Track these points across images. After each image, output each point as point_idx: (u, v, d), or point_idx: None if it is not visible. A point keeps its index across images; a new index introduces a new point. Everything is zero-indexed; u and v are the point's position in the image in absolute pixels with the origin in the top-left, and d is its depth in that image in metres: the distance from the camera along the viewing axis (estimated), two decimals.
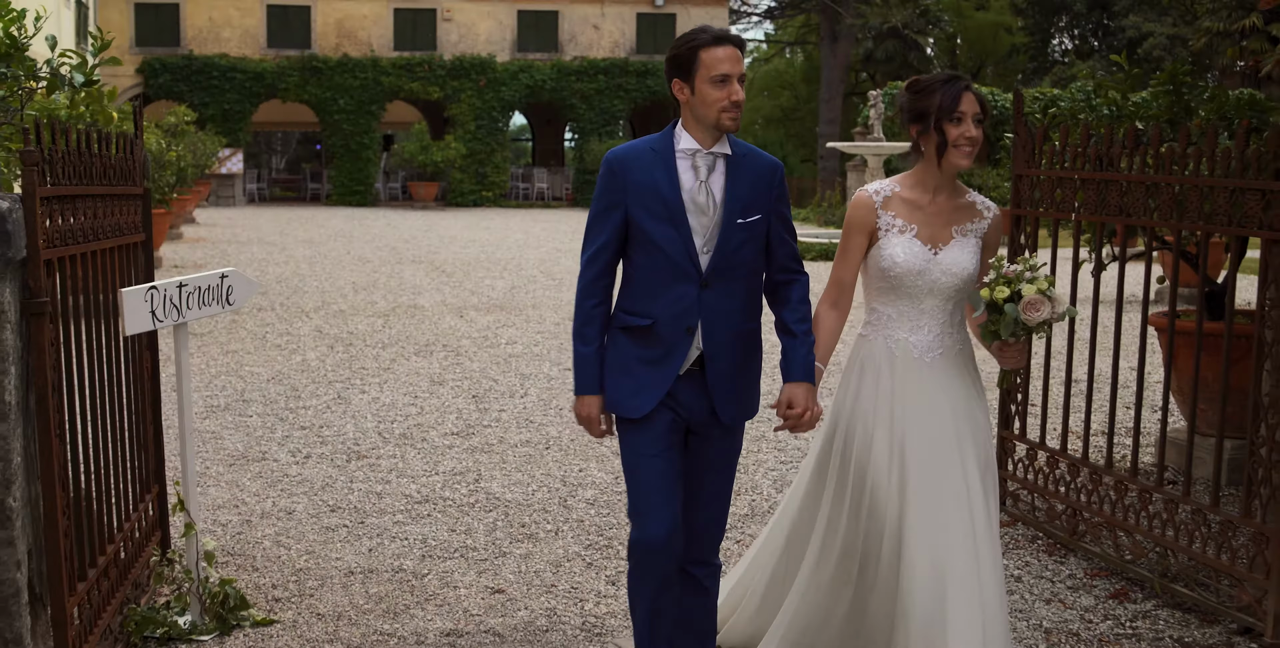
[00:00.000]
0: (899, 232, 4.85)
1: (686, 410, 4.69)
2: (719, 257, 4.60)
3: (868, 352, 4.95)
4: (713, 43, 4.51)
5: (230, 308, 6.11)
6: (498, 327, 15.86)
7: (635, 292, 4.67)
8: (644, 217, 4.57)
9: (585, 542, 7.18)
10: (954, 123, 4.72)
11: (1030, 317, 4.63)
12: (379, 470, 8.67)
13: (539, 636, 5.80)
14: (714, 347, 4.64)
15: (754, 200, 4.64)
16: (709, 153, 4.61)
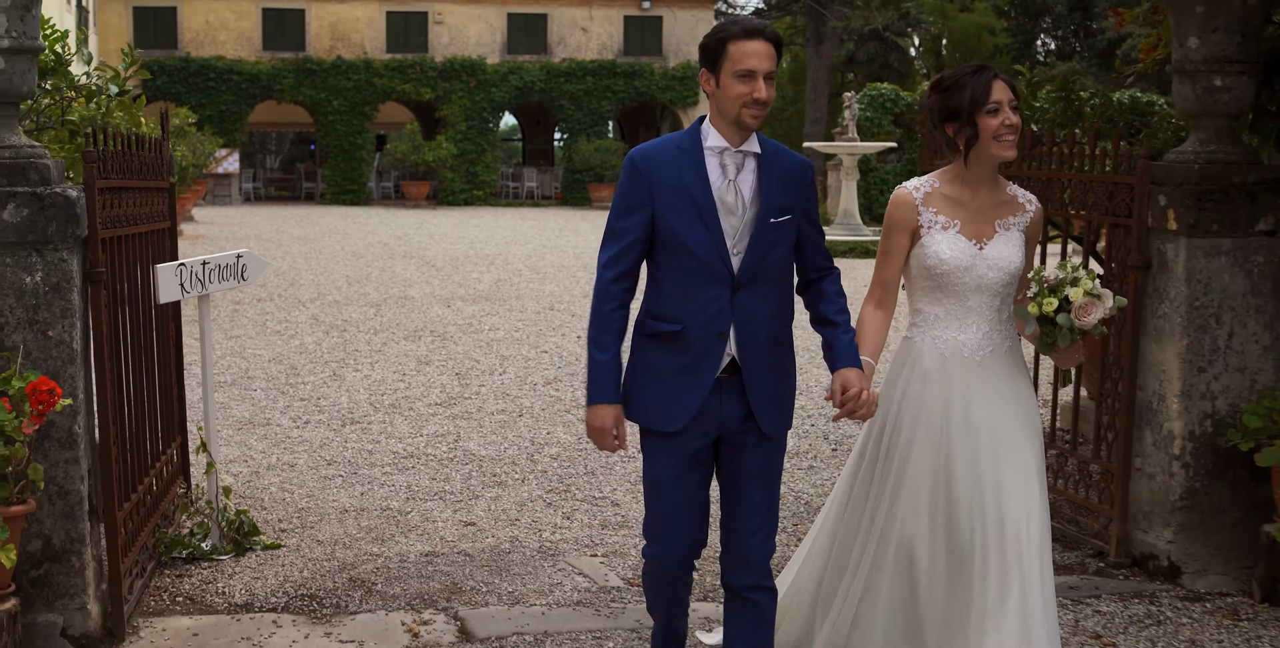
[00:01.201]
0: (942, 228, 4.73)
1: (717, 421, 4.51)
2: (751, 258, 4.44)
3: (915, 353, 4.83)
4: (743, 35, 4.34)
5: (244, 283, 7.26)
6: (482, 315, 16.99)
7: (664, 296, 4.49)
8: (673, 218, 4.41)
9: (547, 487, 8.35)
10: (990, 114, 4.60)
11: (1086, 320, 4.56)
12: (370, 433, 9.82)
13: (502, 556, 6.95)
14: (748, 352, 4.48)
15: (786, 200, 4.49)
16: (738, 151, 4.46)
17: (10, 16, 5.29)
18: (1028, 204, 4.86)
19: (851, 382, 4.49)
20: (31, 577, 5.42)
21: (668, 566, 4.65)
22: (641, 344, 4.58)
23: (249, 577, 6.58)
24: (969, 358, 4.73)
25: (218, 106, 48.82)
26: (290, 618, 6.01)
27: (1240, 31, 6.53)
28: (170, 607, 6.15)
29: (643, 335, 4.57)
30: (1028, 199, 4.87)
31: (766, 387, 4.52)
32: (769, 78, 4.32)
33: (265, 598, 6.28)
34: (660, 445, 4.53)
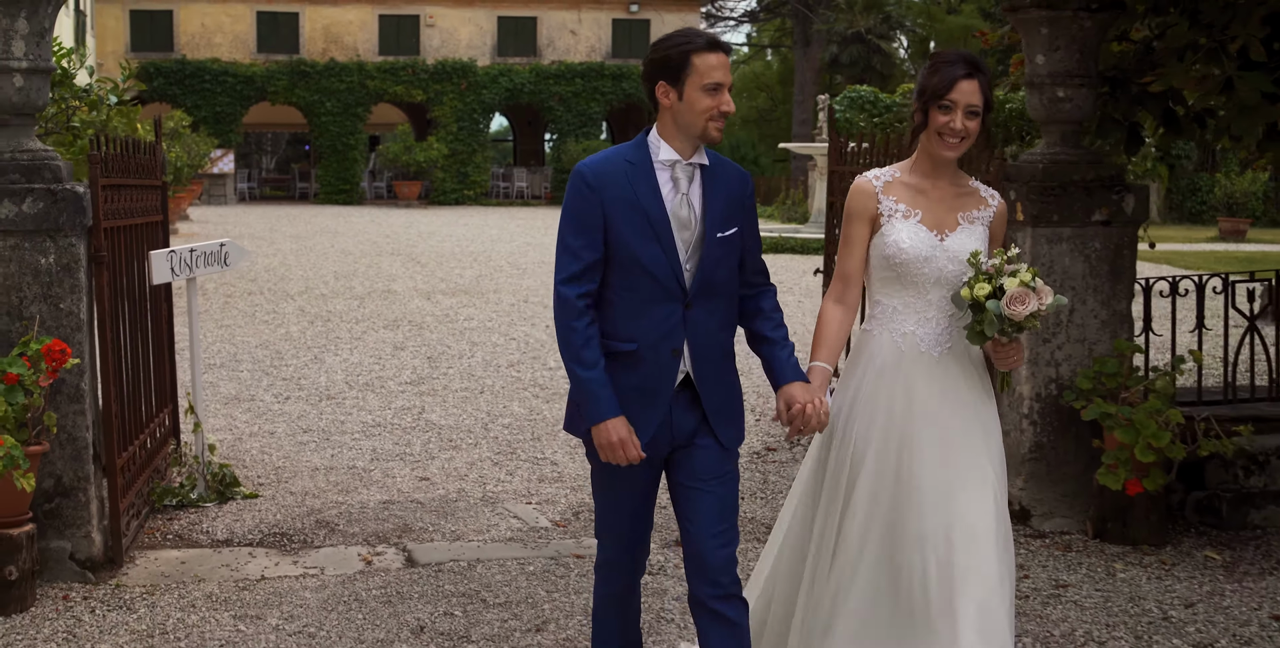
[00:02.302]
0: (903, 216, 4.59)
1: (669, 434, 4.45)
2: (701, 273, 4.36)
3: (873, 347, 4.65)
4: (707, 48, 4.28)
5: (227, 268, 8.34)
6: (459, 307, 18.07)
7: (615, 315, 4.36)
8: (627, 235, 4.30)
9: (496, 450, 9.45)
10: (942, 110, 4.51)
11: (1015, 311, 4.33)
12: (344, 407, 10.91)
13: (449, 504, 8.04)
14: (702, 368, 4.42)
15: (731, 213, 4.42)
16: (688, 164, 4.38)
17: (29, 43, 6.38)
18: (990, 199, 4.73)
19: (795, 397, 4.42)
20: (45, 509, 6.50)
21: (625, 571, 4.65)
22: None
23: (229, 520, 7.66)
24: (926, 353, 4.56)
25: (213, 108, 49.86)
26: (264, 551, 7.09)
27: (1079, 50, 7.61)
28: (161, 543, 7.23)
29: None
30: (990, 194, 4.75)
31: (721, 401, 4.47)
32: (729, 89, 4.31)
33: (243, 536, 7.36)
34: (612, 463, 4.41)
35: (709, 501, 4.46)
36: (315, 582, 6.56)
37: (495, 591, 6.42)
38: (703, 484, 4.46)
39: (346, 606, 6.20)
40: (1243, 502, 7.65)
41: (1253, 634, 5.91)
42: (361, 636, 5.81)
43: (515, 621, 6.01)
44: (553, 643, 5.75)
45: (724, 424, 4.48)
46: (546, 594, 6.37)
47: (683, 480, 4.49)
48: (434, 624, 5.96)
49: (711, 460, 4.47)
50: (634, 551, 4.65)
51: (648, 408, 4.38)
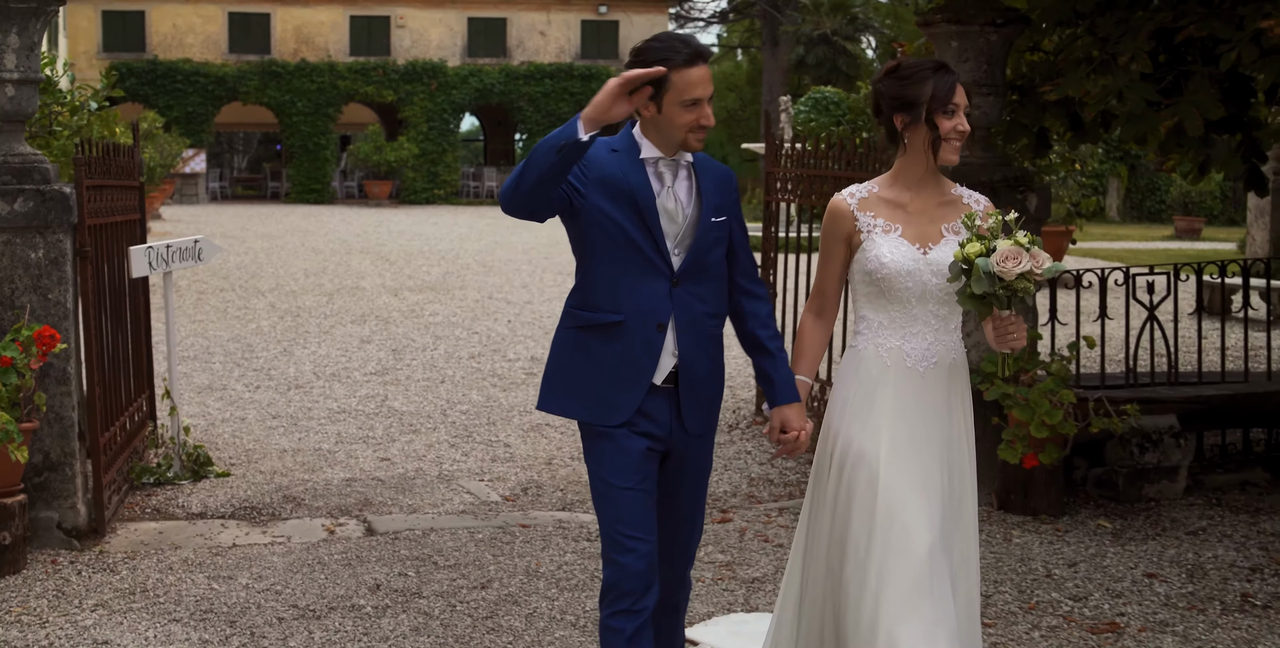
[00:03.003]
0: (883, 231, 4.50)
1: (665, 432, 4.41)
2: (692, 256, 4.37)
3: (859, 363, 4.56)
4: (686, 63, 4.20)
5: (201, 263, 8.96)
6: (425, 303, 18.68)
7: (600, 288, 4.36)
8: (610, 208, 4.30)
9: (454, 433, 10.09)
10: (947, 115, 4.43)
11: (1006, 268, 4.15)
12: (311, 395, 11.54)
13: (408, 481, 8.67)
14: (688, 347, 4.39)
15: (721, 202, 4.43)
16: (671, 160, 4.38)
17: (20, 56, 7.00)
18: (974, 204, 4.61)
19: (792, 423, 4.47)
20: (35, 483, 7.11)
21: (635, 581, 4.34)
22: (572, 338, 4.44)
23: (203, 495, 8.28)
24: (912, 368, 4.48)
25: (185, 108, 50.31)
26: (235, 523, 7.71)
27: (987, 61, 8.27)
28: (141, 516, 7.85)
29: (574, 328, 4.43)
30: (974, 198, 4.64)
31: (701, 386, 4.46)
32: (710, 100, 4.27)
33: (216, 509, 7.99)
34: (605, 453, 4.38)
35: (687, 507, 4.51)
36: (282, 548, 7.18)
37: (446, 555, 7.05)
38: (681, 491, 4.50)
39: (310, 568, 6.83)
40: (1137, 477, 8.31)
41: (1124, 589, 6.58)
42: (323, 592, 6.44)
43: (463, 580, 6.65)
44: (495, 598, 6.38)
45: (694, 408, 4.45)
46: (492, 558, 7.01)
47: (666, 482, 4.49)
48: (389, 583, 6.59)
49: (695, 466, 4.52)
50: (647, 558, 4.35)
51: (630, 381, 4.33)
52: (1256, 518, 7.89)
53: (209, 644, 5.78)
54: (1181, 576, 6.82)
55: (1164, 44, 7.98)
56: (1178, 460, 8.35)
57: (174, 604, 6.28)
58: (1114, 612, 6.24)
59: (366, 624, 6.04)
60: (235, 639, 5.84)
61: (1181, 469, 8.37)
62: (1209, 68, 7.64)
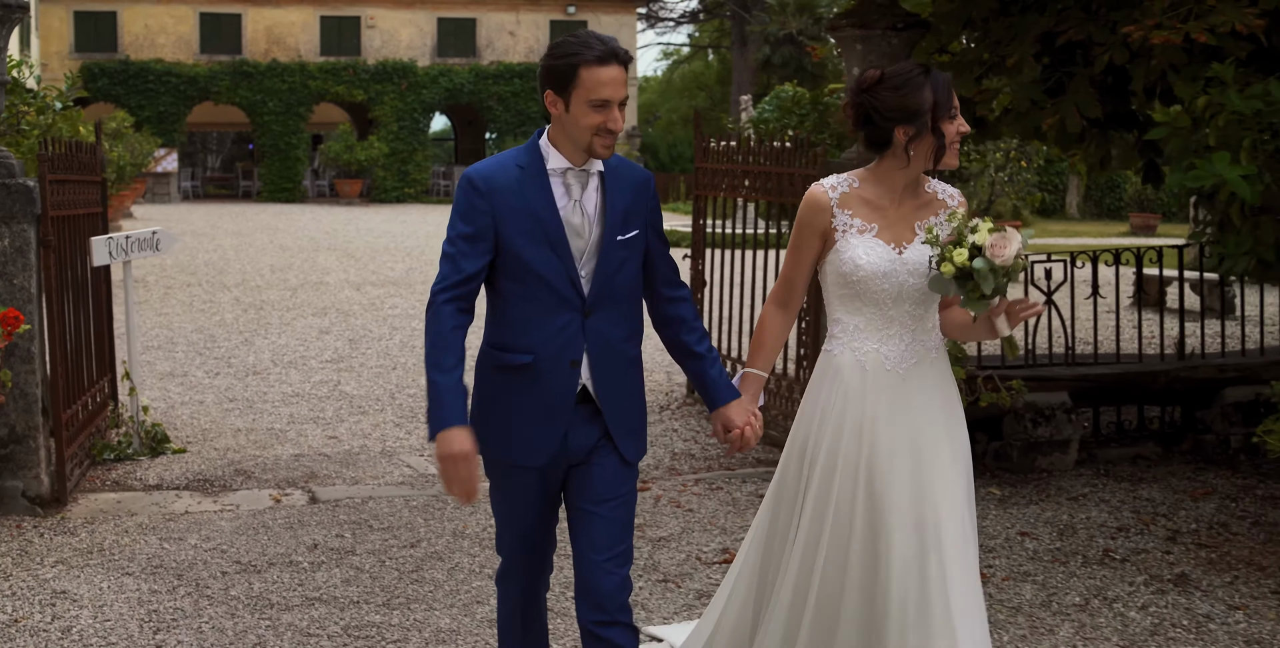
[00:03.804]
0: (858, 232, 4.40)
1: (566, 450, 4.27)
2: (600, 280, 4.20)
3: (835, 367, 4.46)
4: (597, 61, 4.06)
5: (159, 253, 9.54)
6: (387, 297, 19.27)
7: (510, 325, 4.20)
8: (519, 243, 4.13)
9: (400, 414, 10.70)
10: (950, 120, 4.32)
11: (1005, 255, 4.11)
12: (268, 381, 12.13)
13: (352, 456, 9.28)
14: (602, 379, 4.24)
15: (631, 215, 4.26)
16: (580, 170, 4.21)
17: None
18: (949, 200, 4.53)
19: (733, 420, 4.38)
20: (1, 454, 7.70)
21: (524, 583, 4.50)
22: (487, 377, 4.30)
23: (160, 470, 8.87)
24: (892, 371, 4.40)
25: (156, 108, 50.70)
26: (188, 493, 8.30)
27: (890, 63, 8.86)
28: (100, 487, 8.43)
29: (488, 368, 4.29)
30: (949, 195, 4.55)
31: (621, 413, 4.31)
32: (622, 106, 4.13)
33: (171, 482, 8.58)
34: (510, 474, 4.32)
35: (603, 525, 4.29)
36: (230, 515, 7.78)
37: (381, 519, 7.67)
38: (599, 507, 4.29)
39: (255, 531, 7.43)
40: (1030, 449, 8.95)
41: (996, 545, 7.22)
42: (265, 551, 7.05)
43: (394, 539, 7.26)
44: (422, 555, 6.99)
45: (626, 438, 4.31)
46: (424, 522, 7.62)
47: (578, 503, 4.32)
48: (326, 543, 7.20)
49: (610, 481, 4.30)
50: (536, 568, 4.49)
51: (546, 424, 4.21)
52: (1137, 486, 8.52)
53: (158, 594, 6.38)
54: (1052, 534, 7.46)
55: (1048, 47, 8.61)
56: (1069, 435, 8.98)
57: (127, 561, 6.87)
58: (983, 565, 6.85)
59: (302, 577, 6.64)
60: (181, 589, 6.44)
61: (1072, 443, 9.00)
62: (1088, 69, 8.27)
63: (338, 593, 6.41)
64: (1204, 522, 7.72)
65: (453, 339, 4.08)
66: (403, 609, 6.20)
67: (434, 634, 5.88)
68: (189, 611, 6.16)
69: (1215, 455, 9.24)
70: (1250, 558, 7.07)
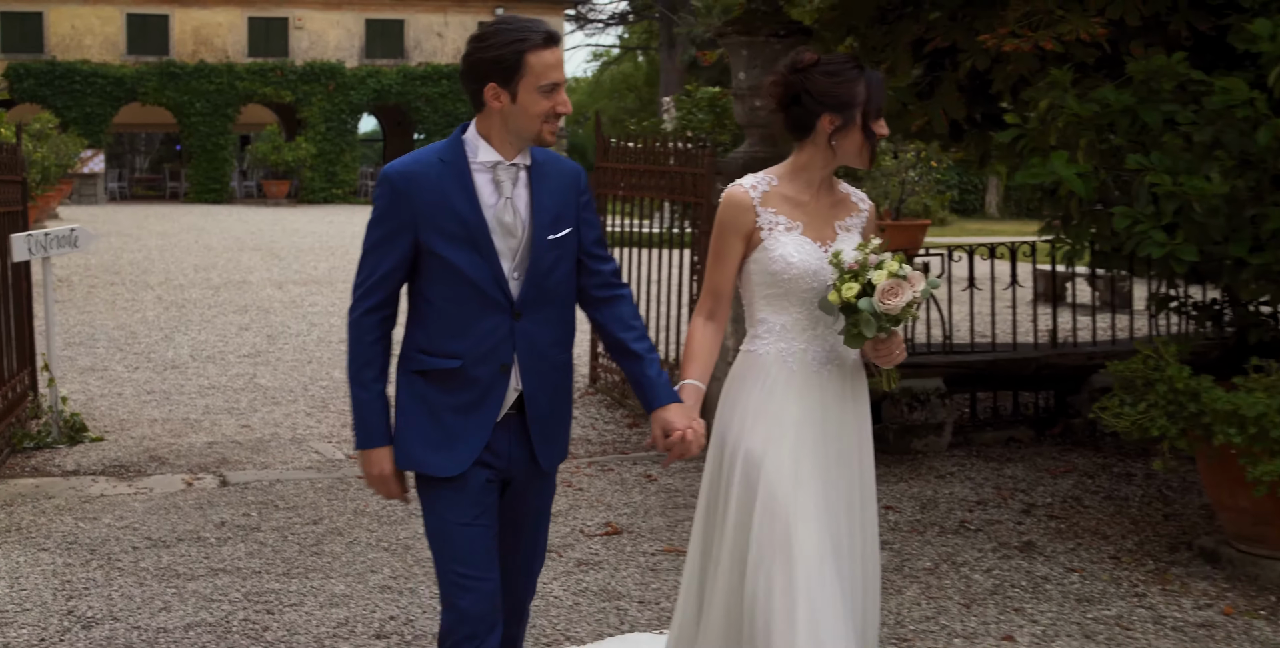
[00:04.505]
0: (785, 229, 4.33)
1: (505, 461, 4.13)
2: (531, 281, 4.05)
3: (761, 368, 4.38)
4: (544, 45, 3.93)
5: (77, 250, 9.93)
6: (308, 295, 19.64)
7: (435, 328, 4.04)
8: (440, 242, 3.97)
9: (310, 404, 11.14)
10: (877, 119, 4.29)
11: (892, 305, 4.07)
12: (186, 374, 12.53)
13: (264, 444, 9.71)
14: (533, 385, 4.11)
15: (562, 212, 4.10)
16: (511, 164, 4.05)
17: None
18: (860, 203, 4.51)
19: (673, 423, 4.19)
20: None
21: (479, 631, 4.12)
22: (409, 381, 4.11)
23: (78, 457, 9.27)
24: (816, 373, 4.34)
25: (83, 108, 50.61)
26: (105, 478, 8.71)
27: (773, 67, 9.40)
28: (20, 474, 8.83)
29: (410, 373, 4.10)
30: (859, 198, 4.53)
31: (549, 421, 4.20)
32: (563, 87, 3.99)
33: (88, 468, 8.99)
34: (441, 491, 4.10)
35: (529, 545, 4.32)
36: (144, 497, 8.20)
37: (286, 499, 8.11)
38: (524, 530, 4.30)
39: (166, 511, 7.86)
40: (906, 432, 9.48)
41: None
42: (174, 528, 7.48)
43: (298, 517, 7.72)
44: (323, 531, 7.45)
45: (546, 444, 4.20)
46: (327, 501, 8.07)
47: (507, 520, 4.27)
48: (233, 521, 7.64)
49: (537, 503, 4.31)
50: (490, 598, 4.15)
51: (471, 431, 4.06)
52: (1003, 466, 9.08)
53: (71, 567, 6.80)
54: (915, 507, 8.00)
55: (920, 53, 9.15)
56: (943, 418, 9.52)
57: (44, 538, 7.30)
58: None
59: (209, 551, 7.08)
60: (94, 562, 6.87)
61: (946, 425, 9.54)
62: (954, 74, 8.81)
63: (241, 565, 6.85)
64: (1059, 496, 8.27)
65: (373, 353, 4.05)
66: (301, 578, 6.65)
67: (328, 599, 6.34)
68: (100, 581, 6.58)
69: (1083, 438, 9.80)
70: (1096, 528, 7.62)
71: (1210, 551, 7.08)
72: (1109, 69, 8.04)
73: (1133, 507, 8.06)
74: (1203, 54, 8.03)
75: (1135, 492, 8.40)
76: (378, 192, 4.04)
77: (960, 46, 8.51)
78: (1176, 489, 8.42)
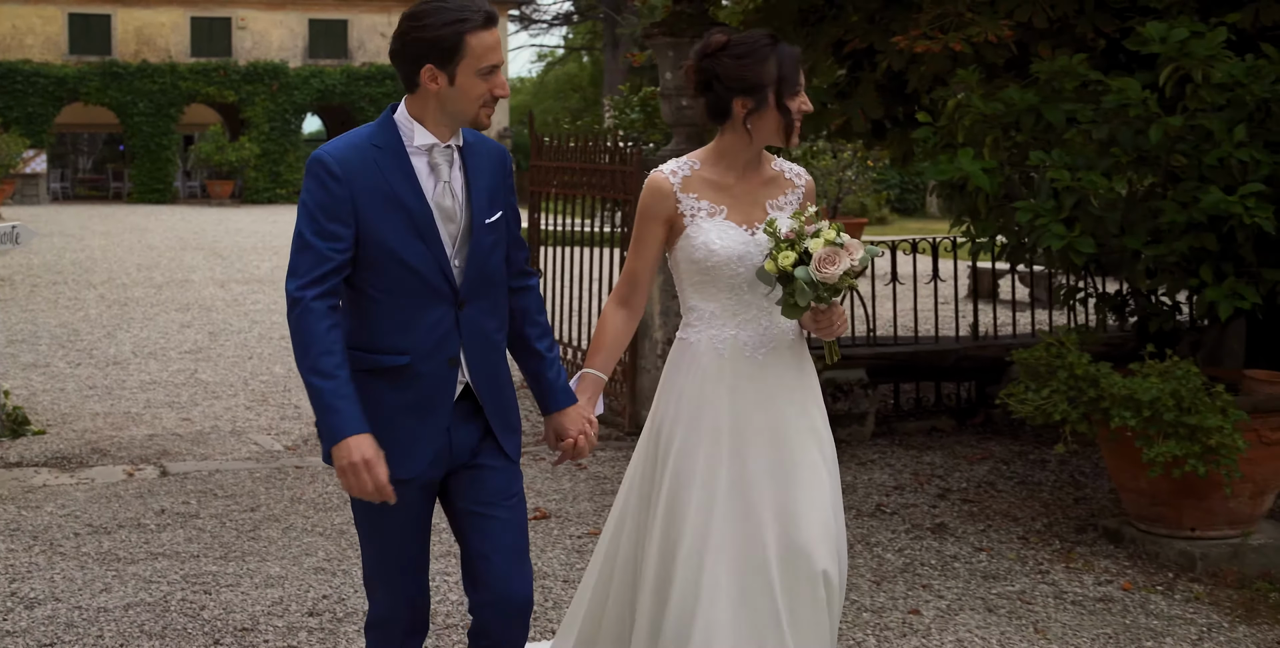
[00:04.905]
0: (708, 214, 4.25)
1: (449, 455, 3.97)
2: (473, 267, 3.91)
3: (691, 356, 4.32)
4: (483, 26, 3.77)
5: (19, 246, 10.12)
6: (250, 293, 19.82)
7: (379, 324, 3.86)
8: (385, 232, 3.79)
9: (250, 398, 11.36)
10: (793, 95, 4.18)
11: (829, 273, 3.97)
12: (127, 370, 12.72)
13: (204, 436, 9.93)
14: (481, 376, 3.96)
15: (494, 194, 3.98)
16: (447, 146, 3.89)
17: None
18: (796, 179, 4.40)
19: (567, 430, 4.15)
20: None
21: (401, 629, 4.08)
22: (356, 383, 3.79)
23: (20, 449, 9.46)
24: (750, 357, 4.27)
25: (25, 108, 50.40)
26: (47, 469, 8.90)
27: None
28: None
29: (356, 372, 3.81)
30: (796, 174, 4.42)
31: (500, 408, 4.04)
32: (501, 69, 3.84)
33: (30, 459, 9.18)
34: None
35: (505, 528, 4.01)
36: (86, 486, 8.41)
37: (225, 488, 8.34)
38: (495, 509, 4.00)
39: (108, 499, 8.07)
40: (830, 422, 9.74)
41: None
42: (116, 516, 7.70)
43: (236, 505, 7.95)
44: (260, 517, 7.68)
45: (507, 433, 4.04)
46: (265, 490, 8.30)
47: (469, 506, 4.01)
48: (173, 508, 7.87)
49: (501, 481, 4.03)
50: (413, 600, 4.09)
51: (424, 428, 3.90)
52: (923, 453, 9.39)
53: (14, 552, 7.01)
54: None
55: (840, 54, 9.46)
56: (865, 408, 9.83)
57: None
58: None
59: (148, 536, 7.31)
60: (37, 548, 7.08)
61: (869, 415, 9.85)
62: (872, 74, 9.12)
63: (180, 549, 7.08)
64: (974, 481, 8.59)
65: (330, 340, 3.71)
66: (238, 561, 6.89)
67: (264, 580, 6.58)
68: (43, 565, 6.80)
69: (1003, 427, 10.12)
70: (1007, 511, 7.94)
71: (1114, 531, 7.40)
72: (1019, 70, 8.37)
73: (1045, 491, 8.38)
74: (1114, 55, 8.39)
75: (1049, 477, 8.72)
76: (310, 177, 3.78)
77: (878, 48, 8.83)
78: (1089, 475, 8.75)
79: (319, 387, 3.70)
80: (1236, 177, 6.63)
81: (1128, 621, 6.21)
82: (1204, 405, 6.57)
